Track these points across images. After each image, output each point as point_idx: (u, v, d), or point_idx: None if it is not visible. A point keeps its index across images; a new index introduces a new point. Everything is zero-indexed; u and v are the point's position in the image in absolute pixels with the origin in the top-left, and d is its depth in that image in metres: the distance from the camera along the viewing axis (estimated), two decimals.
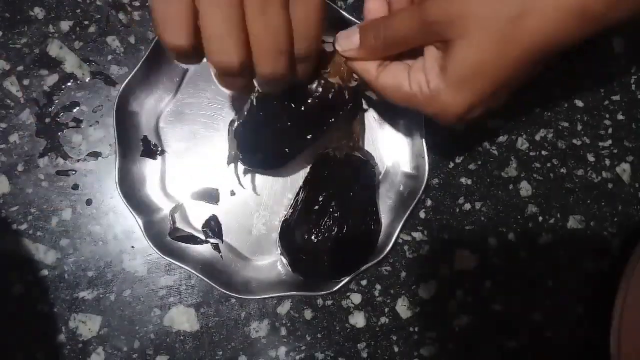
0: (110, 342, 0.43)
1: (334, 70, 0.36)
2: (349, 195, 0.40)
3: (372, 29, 0.33)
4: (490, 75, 0.30)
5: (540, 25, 0.29)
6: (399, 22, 0.32)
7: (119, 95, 0.41)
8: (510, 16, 0.29)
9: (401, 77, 0.33)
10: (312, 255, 0.40)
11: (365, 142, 0.44)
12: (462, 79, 0.31)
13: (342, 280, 0.42)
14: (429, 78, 0.32)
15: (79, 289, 0.43)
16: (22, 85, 0.44)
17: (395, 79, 0.34)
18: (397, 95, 0.34)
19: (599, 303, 0.44)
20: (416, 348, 0.44)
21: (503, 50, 0.29)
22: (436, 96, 0.32)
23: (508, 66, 0.30)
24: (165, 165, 0.44)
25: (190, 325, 0.43)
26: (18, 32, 0.44)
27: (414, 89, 0.33)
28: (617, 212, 0.47)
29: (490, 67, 0.30)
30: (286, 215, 0.42)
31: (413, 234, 0.45)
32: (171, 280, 0.43)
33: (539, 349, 0.45)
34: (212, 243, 0.43)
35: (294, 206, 0.42)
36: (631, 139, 0.47)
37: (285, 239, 0.41)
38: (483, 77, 0.30)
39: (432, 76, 0.32)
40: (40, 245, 0.43)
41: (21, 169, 0.43)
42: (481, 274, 0.45)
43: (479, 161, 0.46)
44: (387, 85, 0.34)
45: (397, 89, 0.33)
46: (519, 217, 0.46)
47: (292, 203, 0.42)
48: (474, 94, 0.31)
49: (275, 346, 0.44)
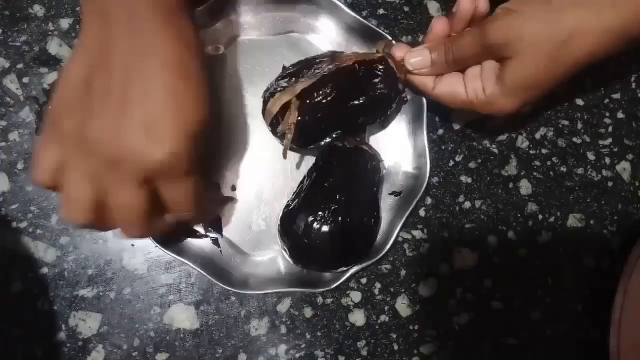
0: (110, 340, 0.43)
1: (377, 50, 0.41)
2: (355, 186, 0.41)
3: (442, 49, 0.38)
4: (539, 86, 0.36)
5: (585, 46, 0.34)
6: (465, 44, 0.37)
7: None
8: (560, 40, 0.34)
9: (457, 86, 0.39)
10: (313, 241, 0.39)
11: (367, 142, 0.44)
12: (516, 89, 0.36)
13: (338, 277, 0.42)
14: (486, 85, 0.37)
15: (79, 286, 0.43)
16: (22, 83, 0.44)
17: (451, 88, 0.39)
18: (454, 102, 0.39)
19: (598, 301, 0.44)
20: (416, 346, 0.44)
21: (552, 67, 0.35)
22: (493, 101, 0.37)
23: (555, 78, 0.36)
24: None
25: (190, 323, 0.43)
26: (18, 29, 0.44)
27: (470, 95, 0.38)
28: (617, 211, 0.47)
29: (540, 81, 0.36)
30: (288, 201, 0.42)
31: (413, 232, 0.45)
32: (171, 278, 0.43)
33: (538, 347, 0.45)
34: (212, 238, 0.44)
35: (297, 193, 0.42)
36: (631, 138, 0.47)
37: (287, 224, 0.41)
38: (533, 88, 0.36)
39: (489, 84, 0.37)
40: (40, 243, 0.43)
41: (21, 166, 0.43)
42: (481, 272, 0.45)
43: (479, 159, 0.46)
44: (444, 94, 0.39)
45: (454, 96, 0.39)
46: (519, 215, 0.46)
47: (296, 190, 0.42)
48: (524, 100, 0.37)
49: (275, 344, 0.44)
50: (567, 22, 0.34)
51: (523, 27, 0.34)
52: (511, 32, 0.35)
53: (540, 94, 0.37)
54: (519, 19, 0.35)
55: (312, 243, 0.40)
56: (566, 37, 0.34)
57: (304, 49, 0.45)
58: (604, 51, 0.34)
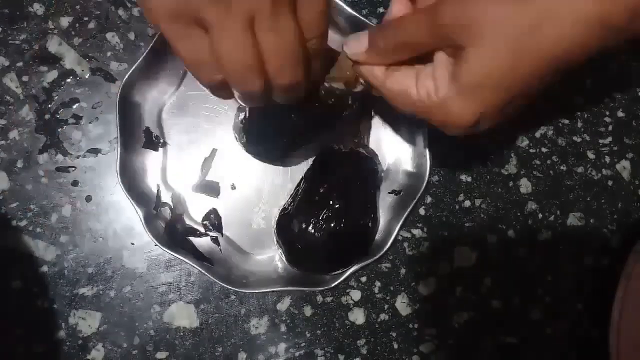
0: (110, 338, 0.43)
1: (338, 74, 0.35)
2: (351, 190, 0.41)
3: (382, 32, 0.32)
4: (504, 84, 0.29)
5: (558, 34, 0.28)
6: (410, 25, 0.31)
7: (122, 86, 0.41)
8: (528, 24, 0.27)
9: (409, 83, 0.32)
10: (308, 246, 0.40)
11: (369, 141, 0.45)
12: (473, 88, 0.29)
13: (338, 275, 0.42)
14: (438, 85, 0.30)
15: (78, 285, 0.43)
16: (22, 81, 0.44)
17: (402, 84, 0.32)
18: (404, 102, 0.32)
19: (599, 300, 0.44)
20: (416, 345, 0.44)
21: (519, 59, 0.28)
22: (444, 104, 0.30)
23: (524, 75, 0.29)
24: (167, 158, 0.44)
25: (190, 322, 0.43)
26: (17, 28, 0.44)
27: (421, 95, 0.31)
28: (617, 210, 0.47)
29: (504, 76, 0.29)
30: (285, 204, 0.42)
31: (413, 231, 0.45)
32: (171, 276, 0.43)
33: (538, 346, 0.45)
34: (212, 236, 0.44)
35: (293, 196, 0.42)
36: (631, 136, 0.47)
37: (282, 228, 0.41)
38: (496, 87, 0.29)
39: (442, 83, 0.30)
40: (40, 242, 0.43)
41: (21, 165, 0.43)
42: (481, 270, 0.45)
43: (478, 158, 0.46)
44: (394, 90, 0.33)
45: (404, 94, 0.32)
46: (519, 214, 0.46)
47: (292, 193, 0.42)
48: (484, 104, 0.30)
49: (275, 343, 0.44)
50: (537, 3, 0.27)
51: (482, 7, 0.28)
52: (468, 13, 0.28)
53: (503, 99, 0.29)
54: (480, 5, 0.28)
55: (306, 248, 0.40)
56: (535, 21, 0.27)
57: None
58: (583, 45, 0.28)
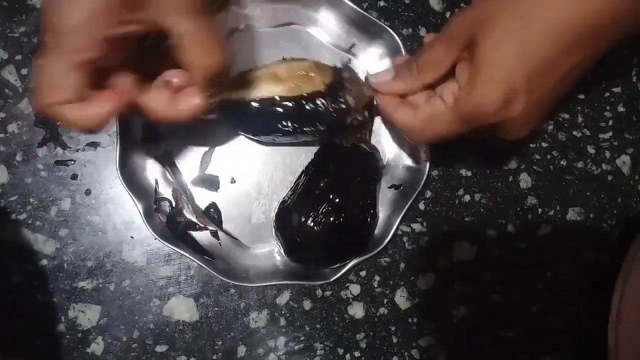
0: (110, 331, 0.43)
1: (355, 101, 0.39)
2: (351, 184, 0.41)
3: (406, 60, 0.37)
4: (521, 59, 0.29)
5: (562, 10, 0.29)
6: (428, 46, 0.35)
7: None
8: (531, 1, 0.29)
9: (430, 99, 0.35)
10: (307, 239, 0.40)
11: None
12: (492, 69, 0.30)
13: (338, 270, 0.42)
14: (460, 79, 0.33)
15: (78, 279, 0.43)
16: (21, 74, 0.44)
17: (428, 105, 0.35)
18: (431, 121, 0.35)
19: (598, 295, 0.44)
20: (415, 339, 0.44)
21: (530, 30, 0.29)
22: (473, 96, 0.31)
23: (540, 48, 0.29)
24: (166, 151, 0.44)
25: (189, 316, 0.43)
26: (16, 21, 0.44)
27: (447, 101, 0.33)
28: (617, 204, 0.47)
29: (519, 51, 0.29)
30: (285, 197, 0.42)
31: (412, 225, 0.45)
32: (170, 270, 0.43)
33: (537, 340, 0.45)
34: (211, 230, 0.44)
35: (293, 189, 0.42)
36: (632, 131, 0.47)
37: (282, 221, 0.41)
38: (513, 63, 0.30)
39: (464, 77, 0.32)
40: (40, 235, 0.43)
41: (20, 158, 0.43)
42: (480, 265, 0.45)
43: (478, 153, 0.46)
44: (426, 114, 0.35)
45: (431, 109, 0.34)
46: (519, 208, 0.46)
47: (293, 186, 0.42)
48: (508, 86, 0.30)
49: (275, 336, 0.44)
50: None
51: (489, 6, 0.31)
52: (475, 14, 0.31)
53: (524, 76, 0.30)
54: (482, 4, 0.31)
55: (305, 241, 0.40)
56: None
57: (304, 41, 0.45)
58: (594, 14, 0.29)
